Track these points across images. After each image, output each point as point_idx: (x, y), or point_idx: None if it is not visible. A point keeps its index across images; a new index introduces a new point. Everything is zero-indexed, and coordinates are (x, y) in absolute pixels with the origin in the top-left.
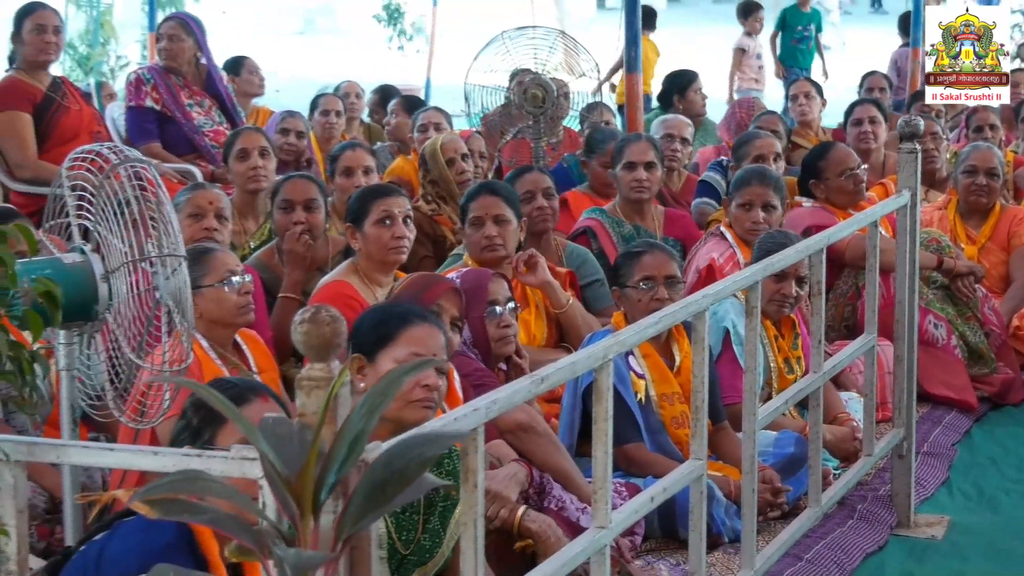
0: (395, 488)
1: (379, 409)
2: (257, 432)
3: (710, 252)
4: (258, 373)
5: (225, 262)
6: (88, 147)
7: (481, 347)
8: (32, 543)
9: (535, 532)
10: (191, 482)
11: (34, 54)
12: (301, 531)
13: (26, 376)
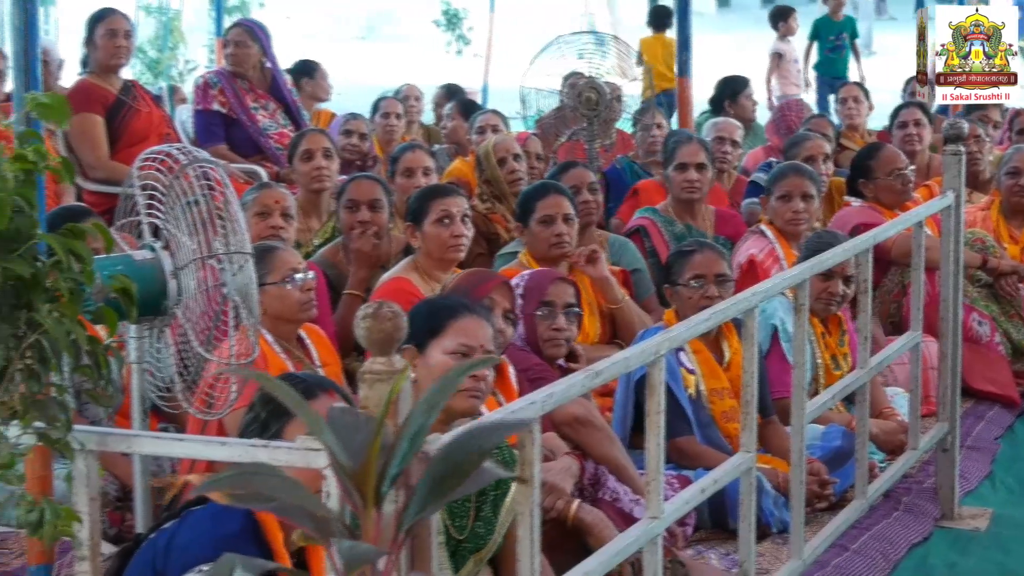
0: (455, 479)
1: (440, 404)
2: (322, 424)
3: (750, 248)
4: (321, 367)
5: (288, 260)
6: (158, 148)
7: (531, 344)
8: (104, 529)
9: (589, 523)
10: (255, 476)
11: (106, 58)
12: (364, 521)
13: (101, 370)
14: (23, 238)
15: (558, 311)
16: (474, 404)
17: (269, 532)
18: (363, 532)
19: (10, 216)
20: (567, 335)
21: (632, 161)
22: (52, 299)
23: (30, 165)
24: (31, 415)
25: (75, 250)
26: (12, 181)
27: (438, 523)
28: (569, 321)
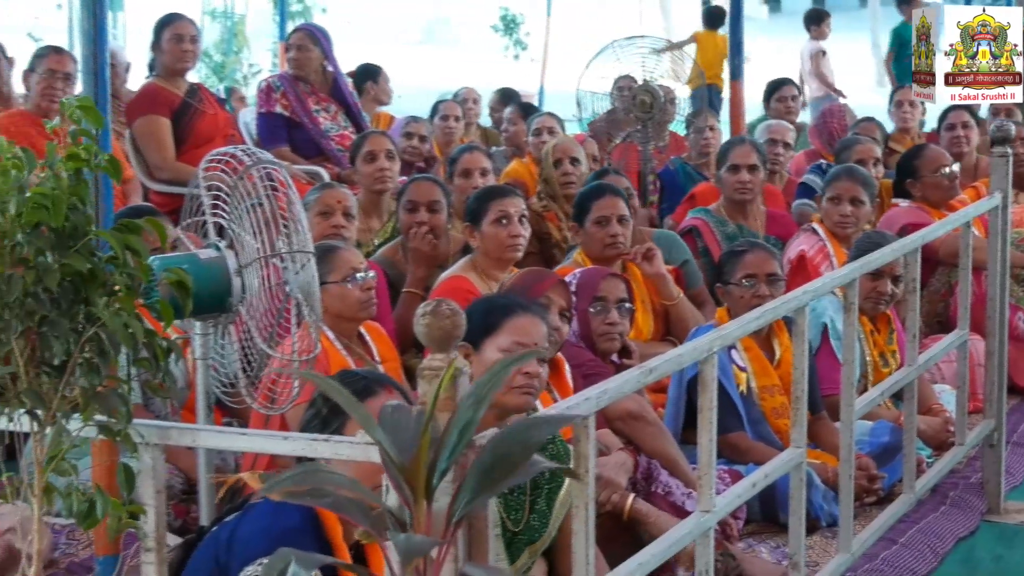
0: (503, 472)
1: (487, 398)
2: (373, 422)
3: (800, 245)
4: (381, 363)
5: (349, 260)
6: (223, 149)
7: (585, 340)
8: (169, 521)
9: (644, 517)
10: (312, 475)
11: (172, 62)
12: (415, 513)
13: (160, 363)
14: (79, 234)
15: (611, 306)
16: (527, 400)
17: (329, 526)
18: (415, 524)
19: (66, 214)
20: (620, 329)
21: (685, 162)
22: (110, 294)
23: (82, 163)
24: (92, 408)
25: (131, 245)
26: (66, 180)
27: (495, 515)
28: (621, 316)
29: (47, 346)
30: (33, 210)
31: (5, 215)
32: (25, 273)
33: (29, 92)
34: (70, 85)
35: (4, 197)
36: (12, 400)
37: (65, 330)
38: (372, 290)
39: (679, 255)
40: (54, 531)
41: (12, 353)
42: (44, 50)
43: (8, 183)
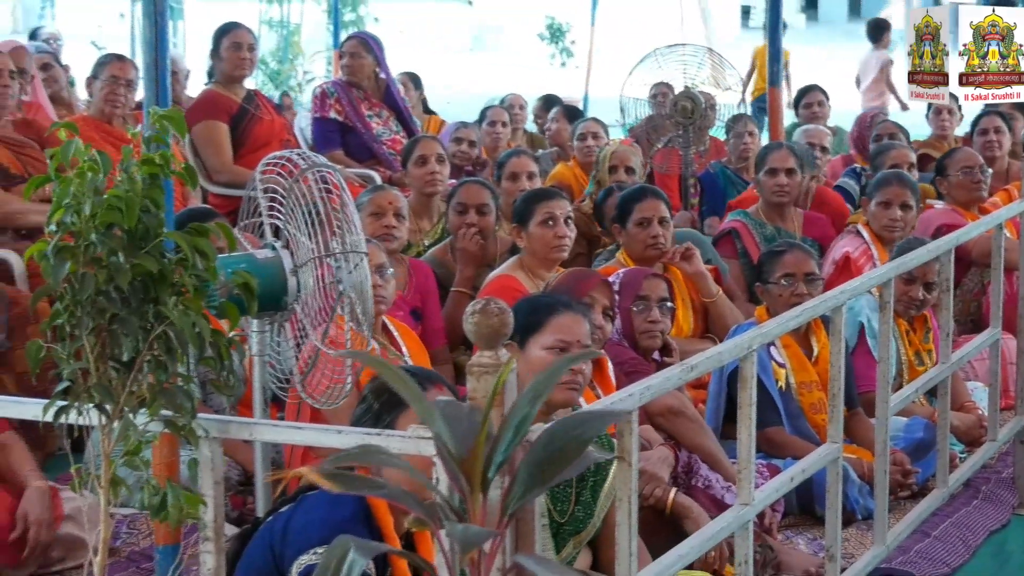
0: (556, 466)
1: (543, 395)
2: (434, 414)
3: (845, 246)
4: (409, 359)
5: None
6: (279, 153)
7: (628, 338)
8: (226, 512)
9: (685, 510)
10: (370, 454)
11: (231, 69)
12: (471, 505)
13: (224, 361)
14: (151, 236)
15: (652, 305)
16: (572, 396)
17: (380, 517)
18: (470, 516)
19: (139, 216)
20: (661, 327)
21: (725, 166)
22: (178, 294)
23: (156, 169)
24: (158, 403)
25: (200, 247)
26: (141, 183)
27: (541, 507)
28: (663, 314)
29: (117, 343)
30: (107, 211)
31: (80, 216)
32: (98, 272)
33: (92, 98)
34: (132, 92)
35: (80, 199)
36: (82, 394)
37: (135, 328)
38: (378, 287)
39: (704, 253)
40: (116, 521)
41: (83, 349)
42: (107, 58)
43: (84, 185)
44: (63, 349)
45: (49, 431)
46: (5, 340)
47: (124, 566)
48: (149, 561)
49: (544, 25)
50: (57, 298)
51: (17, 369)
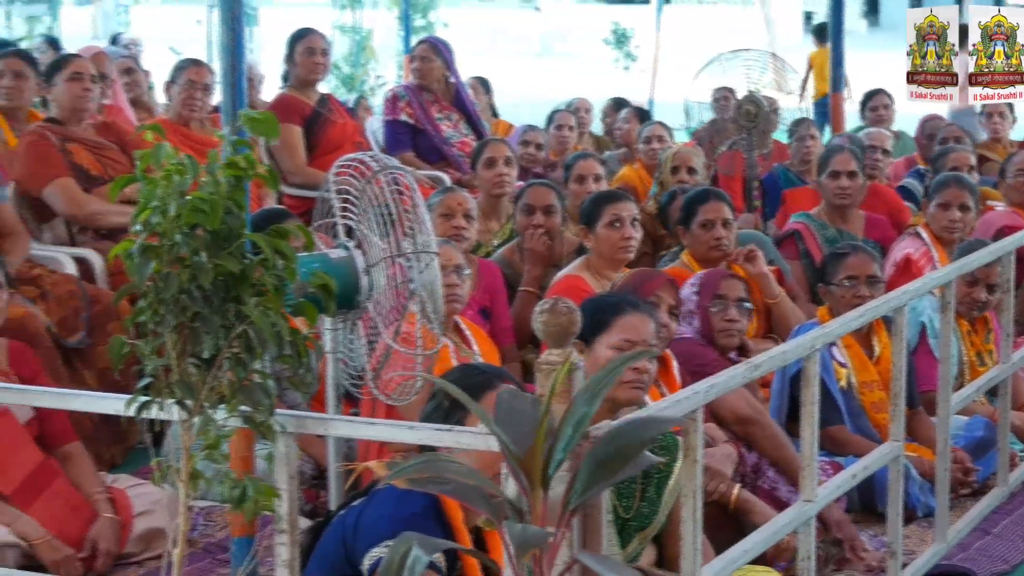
0: (618, 464)
1: (602, 393)
2: (489, 416)
3: (906, 248)
4: (480, 356)
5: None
6: (352, 156)
7: (706, 337)
8: (300, 505)
9: (751, 503)
10: (433, 464)
11: (305, 74)
12: (532, 502)
13: (301, 358)
14: (233, 237)
15: (730, 304)
16: (637, 395)
17: (450, 512)
18: (532, 512)
19: (222, 217)
20: (738, 327)
21: (787, 169)
22: (258, 293)
23: (240, 172)
24: (237, 399)
25: (279, 248)
26: (224, 185)
27: (607, 504)
28: (740, 314)
29: (198, 340)
30: (191, 212)
31: (165, 216)
32: (181, 271)
33: (170, 102)
34: (209, 96)
35: (166, 200)
36: (163, 390)
37: (215, 326)
38: (455, 287)
39: (767, 253)
40: (193, 513)
41: (165, 346)
42: (185, 63)
43: (170, 187)
44: (146, 346)
45: (130, 425)
46: (86, 337)
47: (201, 557)
48: (225, 552)
49: (609, 30)
50: (141, 296)
51: (98, 365)
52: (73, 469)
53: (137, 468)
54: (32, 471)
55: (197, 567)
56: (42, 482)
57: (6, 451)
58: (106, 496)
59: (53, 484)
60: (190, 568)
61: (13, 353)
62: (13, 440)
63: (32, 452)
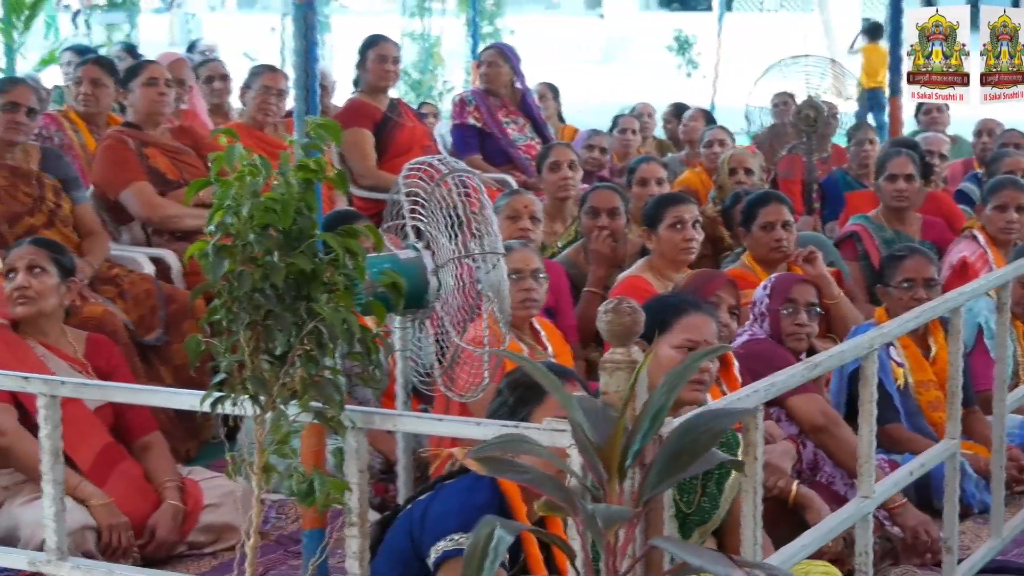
0: (689, 458)
1: (677, 389)
2: (574, 403)
3: (962, 251)
4: (554, 357)
5: (514, 260)
6: (421, 159)
7: (774, 339)
8: (369, 498)
9: (809, 498)
10: (516, 443)
11: (376, 80)
12: (608, 492)
13: (371, 355)
14: (304, 237)
15: (800, 308)
16: (699, 396)
17: (514, 505)
18: (607, 502)
19: (293, 218)
20: (807, 331)
21: (845, 172)
22: (329, 291)
23: (311, 174)
24: (309, 395)
25: (350, 248)
26: (296, 187)
27: (669, 498)
28: (810, 318)
29: (271, 337)
30: (264, 213)
31: (239, 217)
32: (254, 270)
33: (245, 106)
34: (283, 101)
35: (239, 201)
36: (237, 386)
37: (288, 323)
38: (530, 290)
39: (827, 255)
40: (265, 506)
41: (239, 343)
42: (259, 68)
43: (244, 188)
44: (220, 343)
45: (205, 420)
46: (163, 335)
47: (272, 549)
48: (296, 544)
49: (672, 37)
50: (215, 295)
51: (174, 362)
52: (152, 457)
53: (210, 462)
54: (100, 451)
55: (269, 558)
56: (111, 462)
57: (77, 433)
58: (176, 485)
59: (120, 465)
60: (263, 559)
61: (91, 345)
62: (82, 424)
63: (101, 435)
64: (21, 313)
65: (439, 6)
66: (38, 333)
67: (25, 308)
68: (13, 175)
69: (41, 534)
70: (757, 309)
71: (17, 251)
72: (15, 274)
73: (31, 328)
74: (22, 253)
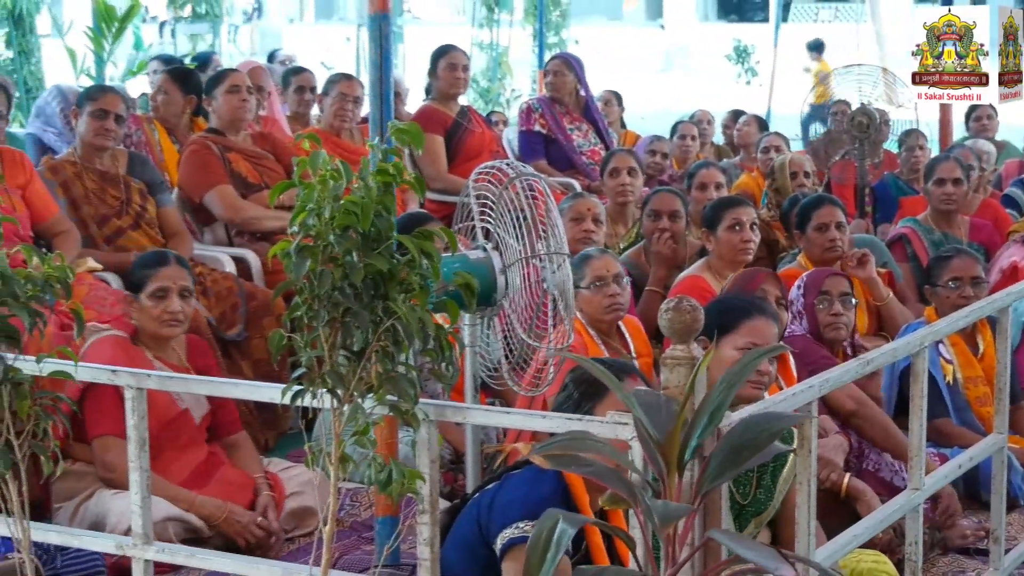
0: (748, 453)
1: (736, 387)
2: (633, 400)
3: (1013, 255)
4: (636, 357)
5: (597, 268)
6: (489, 163)
7: (814, 334)
8: (440, 488)
9: (861, 490)
10: (579, 440)
11: (446, 87)
12: (667, 485)
13: (444, 352)
14: (382, 238)
15: (834, 299)
16: (758, 394)
17: (578, 496)
18: (666, 495)
19: (372, 220)
20: (844, 320)
21: (897, 177)
22: (405, 291)
23: (389, 178)
24: (385, 389)
25: (425, 249)
26: (374, 190)
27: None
28: (845, 307)
29: (349, 334)
30: (344, 215)
31: (320, 219)
32: (334, 270)
33: (323, 113)
34: (359, 107)
35: (321, 203)
36: (316, 380)
37: (366, 321)
38: (615, 296)
39: (880, 257)
40: (341, 494)
41: (319, 339)
42: (337, 76)
43: (326, 192)
44: (301, 339)
45: (284, 412)
46: (244, 330)
47: (347, 535)
48: (370, 531)
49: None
50: (296, 293)
51: (254, 356)
52: (239, 456)
53: (288, 452)
54: (198, 464)
55: (344, 544)
56: (209, 472)
57: (180, 449)
58: (265, 479)
59: (218, 472)
60: (338, 544)
61: (191, 348)
62: (188, 438)
63: (201, 449)
64: (167, 334)
65: (507, 17)
66: (152, 344)
67: (173, 331)
68: (102, 179)
69: (127, 523)
70: (795, 307)
71: (168, 271)
72: (167, 295)
73: (146, 340)
74: (174, 275)
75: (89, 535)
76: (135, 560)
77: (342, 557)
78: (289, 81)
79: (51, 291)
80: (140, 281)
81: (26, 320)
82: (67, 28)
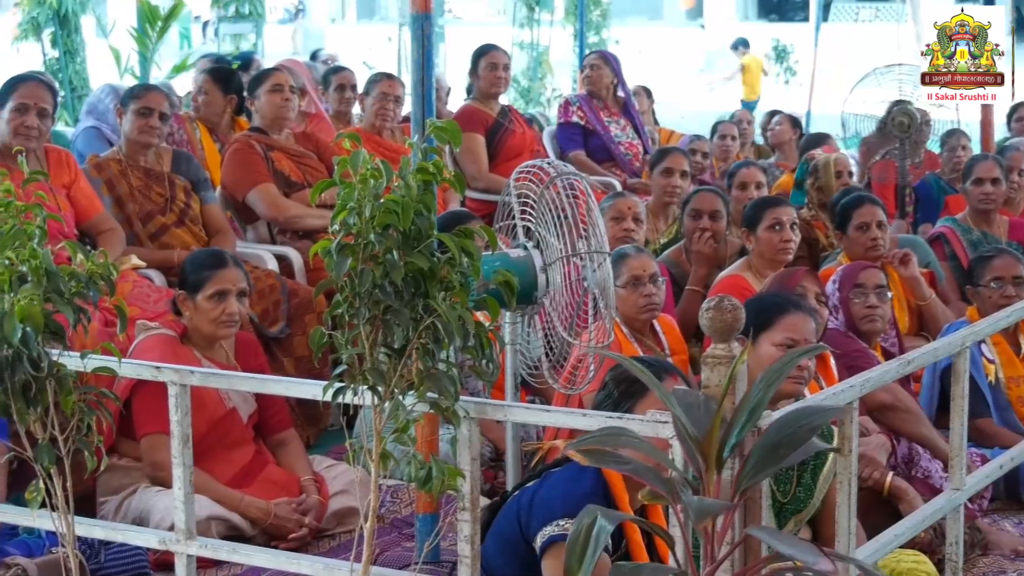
0: (787, 450)
1: (775, 384)
2: (672, 398)
3: None
4: (670, 355)
5: (633, 268)
6: (530, 163)
7: (850, 327)
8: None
9: (903, 490)
10: (616, 436)
11: (487, 87)
12: (706, 482)
13: (484, 349)
14: (423, 237)
15: (869, 292)
16: (798, 389)
17: (617, 493)
18: (705, 492)
19: (412, 218)
20: (879, 312)
21: (938, 177)
22: (445, 288)
23: (429, 177)
24: (425, 386)
25: (466, 247)
26: (415, 189)
27: (766, 487)
28: (880, 300)
29: (390, 332)
30: (385, 214)
31: (361, 217)
32: (375, 268)
33: (364, 112)
34: (400, 107)
35: (362, 202)
36: (357, 377)
37: (406, 319)
38: (652, 295)
39: (923, 257)
40: (381, 491)
41: (360, 336)
42: (377, 76)
43: (366, 190)
44: (342, 336)
45: (324, 409)
46: (286, 327)
47: (388, 531)
48: (410, 527)
49: (770, 47)
50: (338, 290)
51: (296, 353)
52: (287, 453)
53: (329, 449)
54: (245, 463)
55: (384, 540)
56: (254, 472)
57: (228, 448)
58: (313, 482)
59: (263, 471)
60: (378, 541)
61: (240, 346)
62: (236, 437)
63: (248, 447)
64: (224, 335)
65: (548, 17)
66: (201, 343)
67: (229, 331)
68: (147, 176)
69: (171, 520)
70: (831, 302)
71: (227, 274)
72: (226, 297)
73: (197, 339)
74: (233, 277)
75: (133, 530)
76: (178, 555)
77: (383, 554)
78: (329, 80)
79: (95, 288)
80: (198, 282)
81: (70, 316)
82: (111, 28)
